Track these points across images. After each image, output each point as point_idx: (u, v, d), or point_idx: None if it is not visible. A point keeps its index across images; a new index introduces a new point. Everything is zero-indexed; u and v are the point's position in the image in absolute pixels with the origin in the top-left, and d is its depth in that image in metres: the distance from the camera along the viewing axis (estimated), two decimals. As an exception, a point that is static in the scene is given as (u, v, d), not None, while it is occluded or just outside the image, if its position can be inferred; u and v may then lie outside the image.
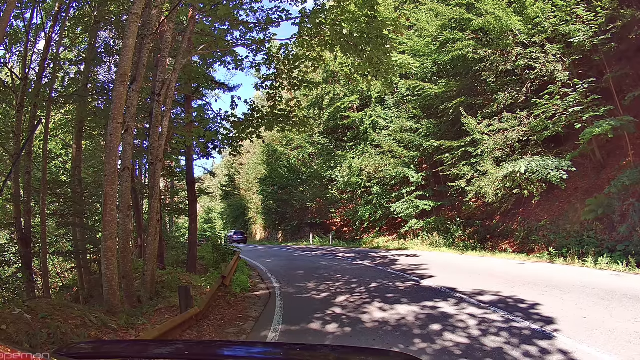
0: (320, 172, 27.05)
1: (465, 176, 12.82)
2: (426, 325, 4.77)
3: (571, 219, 12.15)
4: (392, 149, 18.79)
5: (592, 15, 10.89)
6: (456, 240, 15.72)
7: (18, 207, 11.90)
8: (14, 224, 11.97)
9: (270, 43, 10.17)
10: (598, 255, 9.31)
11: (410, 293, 6.82)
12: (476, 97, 14.41)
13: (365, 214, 21.78)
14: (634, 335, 4.06)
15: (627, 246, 9.48)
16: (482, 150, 12.13)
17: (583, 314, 5.00)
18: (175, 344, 2.60)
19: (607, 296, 5.87)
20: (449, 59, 14.91)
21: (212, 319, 5.76)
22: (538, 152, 11.65)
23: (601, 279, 7.43)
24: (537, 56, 11.35)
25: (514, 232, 13.93)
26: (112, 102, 6.38)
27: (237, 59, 10.42)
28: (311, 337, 4.67)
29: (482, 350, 3.80)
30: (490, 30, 12.34)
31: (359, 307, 6.00)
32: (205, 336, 4.99)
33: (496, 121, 12.04)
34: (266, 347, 2.48)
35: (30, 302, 5.98)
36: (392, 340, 4.26)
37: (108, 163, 6.01)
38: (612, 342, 3.85)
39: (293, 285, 8.59)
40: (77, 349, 1.66)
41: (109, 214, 5.89)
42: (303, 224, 29.81)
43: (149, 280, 7.22)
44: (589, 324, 4.57)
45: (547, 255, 10.72)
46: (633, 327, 4.34)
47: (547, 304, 5.46)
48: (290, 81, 10.24)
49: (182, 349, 1.77)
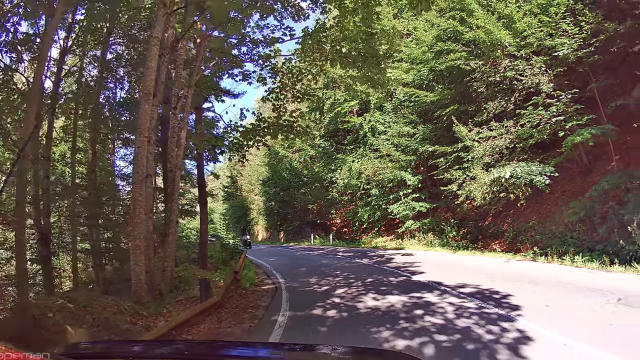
0: (321, 175, 27.93)
1: (457, 180, 13.68)
2: (411, 310, 5.64)
3: (557, 221, 12.97)
4: (390, 153, 19.66)
5: (577, 30, 11.70)
6: (450, 240, 16.59)
7: (38, 209, 12.75)
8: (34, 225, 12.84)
9: (276, 58, 11.02)
10: (577, 254, 10.14)
11: (401, 286, 7.70)
12: (469, 104, 15.27)
13: (364, 215, 22.66)
14: (586, 319, 4.89)
15: (605, 246, 10.28)
16: (472, 156, 13.00)
17: (548, 303, 5.84)
18: (175, 344, 2.60)
19: (574, 289, 6.72)
20: (444, 68, 15.79)
21: (228, 307, 6.63)
22: (524, 158, 12.49)
23: (574, 276, 8.28)
24: (523, 68, 12.20)
25: (504, 233, 14.76)
26: (138, 118, 7.25)
27: (245, 73, 11.31)
28: (314, 320, 5.55)
29: (453, 329, 4.66)
30: (481, 43, 13.20)
31: (355, 297, 6.88)
32: (224, 321, 5.86)
33: (485, 129, 12.90)
34: (266, 347, 2.53)
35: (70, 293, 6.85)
36: (381, 322, 5.13)
37: (136, 172, 6.89)
38: (564, 325, 4.68)
39: (297, 281, 9.47)
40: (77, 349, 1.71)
41: (137, 216, 6.76)
42: (304, 225, 30.67)
43: (168, 275, 8.09)
44: (550, 311, 5.42)
45: (531, 254, 11.57)
46: (588, 314, 5.17)
47: (519, 295, 6.32)
48: (294, 93, 11.13)
49: (182, 349, 1.83)
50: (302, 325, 5.39)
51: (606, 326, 4.56)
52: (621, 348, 3.75)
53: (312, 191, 29.65)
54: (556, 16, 12.06)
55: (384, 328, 4.81)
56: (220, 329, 5.46)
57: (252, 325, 5.64)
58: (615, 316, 4.96)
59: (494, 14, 13.25)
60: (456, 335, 4.43)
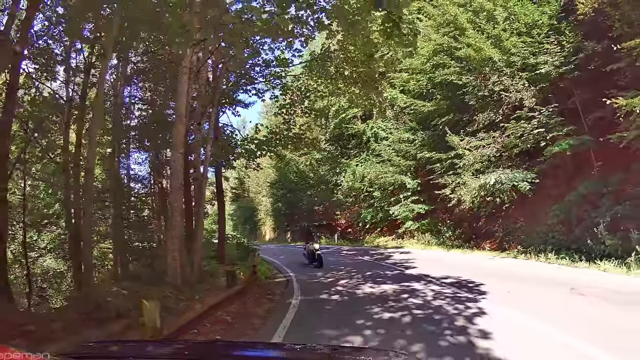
0: (326, 178, 29.36)
1: (450, 185, 15.02)
2: (399, 295, 7.03)
3: (541, 222, 14.24)
4: (391, 158, 21.03)
5: (559, 48, 12.98)
6: (446, 240, 17.90)
7: (69, 211, 14.24)
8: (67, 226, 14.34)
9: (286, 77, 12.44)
10: (552, 252, 11.44)
11: (395, 278, 9.10)
12: (463, 114, 16.59)
13: (367, 216, 24.07)
14: (535, 301, 6.21)
15: (579, 245, 11.56)
16: (463, 164, 14.34)
17: (510, 290, 7.18)
18: (176, 344, 2.63)
19: (539, 281, 8.04)
20: (439, 80, 17.11)
21: (249, 294, 8.05)
22: (509, 166, 13.80)
23: (544, 270, 9.60)
24: (509, 84, 13.51)
25: (494, 233, 16.06)
26: (173, 136, 8.71)
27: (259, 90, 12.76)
28: (321, 302, 6.96)
29: (428, 306, 6.05)
30: (472, 59, 14.52)
31: (355, 286, 8.29)
32: (248, 304, 7.27)
33: (474, 139, 14.24)
34: (267, 347, 2.55)
35: (122, 282, 8.29)
36: (374, 302, 6.53)
37: (173, 182, 8.34)
38: (515, 305, 5.99)
39: (305, 274, 10.89)
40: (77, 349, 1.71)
41: (174, 219, 8.21)
42: (311, 225, 32.06)
43: (197, 268, 9.52)
44: (509, 296, 6.76)
45: (515, 252, 12.89)
46: (539, 298, 6.48)
47: (489, 284, 7.66)
48: (302, 109, 12.55)
49: (182, 349, 1.85)
50: (312, 305, 6.80)
51: (549, 306, 5.90)
52: (552, 319, 5.03)
53: (318, 193, 31.06)
54: (539, 37, 13.36)
55: (376, 306, 6.21)
56: (247, 309, 6.88)
57: (271, 306, 7.06)
58: (560, 298, 6.31)
59: (484, 33, 14.56)
60: (429, 310, 5.82)
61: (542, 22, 13.54)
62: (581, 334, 4.29)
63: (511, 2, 14.05)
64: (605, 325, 4.71)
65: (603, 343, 3.93)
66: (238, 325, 5.83)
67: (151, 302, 5.09)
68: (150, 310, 4.68)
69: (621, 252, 9.74)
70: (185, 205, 10.93)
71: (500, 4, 14.17)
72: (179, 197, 8.30)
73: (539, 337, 4.41)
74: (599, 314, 5.30)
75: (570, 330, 4.47)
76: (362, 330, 4.90)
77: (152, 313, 4.70)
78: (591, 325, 4.68)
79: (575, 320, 4.98)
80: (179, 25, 6.46)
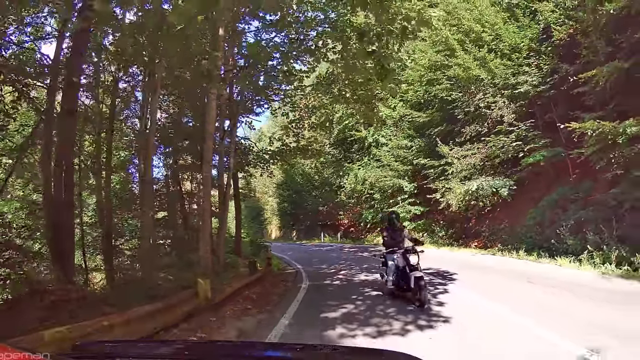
0: (330, 180, 31.28)
1: (440, 190, 16.86)
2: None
3: (521, 223, 16.04)
4: (390, 163, 22.89)
5: (537, 70, 14.73)
6: (439, 239, 19.74)
7: (102, 212, 16.15)
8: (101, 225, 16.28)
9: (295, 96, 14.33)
10: (523, 250, 13.21)
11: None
12: (454, 125, 18.39)
13: (368, 217, 25.98)
14: (492, 287, 8.04)
15: (548, 245, 13.32)
16: (452, 171, 16.17)
17: (478, 279, 9.02)
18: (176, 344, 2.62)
19: (503, 273, 9.84)
20: (433, 94, 18.94)
21: (266, 281, 9.96)
22: (492, 174, 15.60)
23: (513, 265, 11.37)
24: (492, 102, 15.31)
25: (481, 233, 17.87)
26: (204, 151, 10.59)
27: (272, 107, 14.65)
28: (325, 286, 8.87)
29: (407, 288, 7.90)
30: (460, 78, 16.33)
31: (353, 275, 10.19)
32: (267, 287, 9.18)
33: (461, 149, 16.07)
34: (267, 347, 2.55)
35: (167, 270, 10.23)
36: (367, 286, 8.40)
37: (205, 189, 10.24)
38: (476, 288, 7.82)
39: (311, 267, 12.80)
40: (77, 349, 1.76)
41: (205, 221, 10.10)
42: (315, 224, 34.04)
43: (221, 259, 11.44)
44: (474, 282, 8.58)
45: (495, 250, 14.69)
46: (496, 285, 8.32)
47: (461, 274, 9.50)
48: (309, 123, 14.45)
49: (182, 349, 1.90)
50: (318, 288, 8.68)
51: (502, 290, 7.72)
52: (503, 299, 6.78)
53: (322, 194, 32.98)
54: (518, 60, 15.14)
55: (368, 289, 8.09)
56: (266, 290, 8.79)
57: (286, 289, 8.97)
58: (512, 285, 8.14)
59: (471, 54, 16.34)
60: (407, 291, 7.68)
61: (523, 45, 15.27)
62: (517, 308, 5.88)
63: (497, 25, 15.80)
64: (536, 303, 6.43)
65: (527, 314, 5.49)
66: (261, 301, 7.73)
67: (205, 280, 6.97)
68: (204, 286, 6.56)
69: (579, 250, 11.51)
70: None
71: (487, 27, 15.95)
72: (210, 203, 10.21)
73: (495, 316, 6.06)
74: (537, 296, 7.07)
75: (514, 307, 5.90)
76: (354, 302, 6.79)
77: (205, 288, 6.60)
78: (529, 304, 6.32)
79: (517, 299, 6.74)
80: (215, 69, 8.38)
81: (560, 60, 14.38)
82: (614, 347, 3.82)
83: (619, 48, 11.60)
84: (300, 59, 12.29)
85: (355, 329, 5.03)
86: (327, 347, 1.66)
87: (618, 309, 5.46)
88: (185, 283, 9.31)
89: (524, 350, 4.03)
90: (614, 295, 6.59)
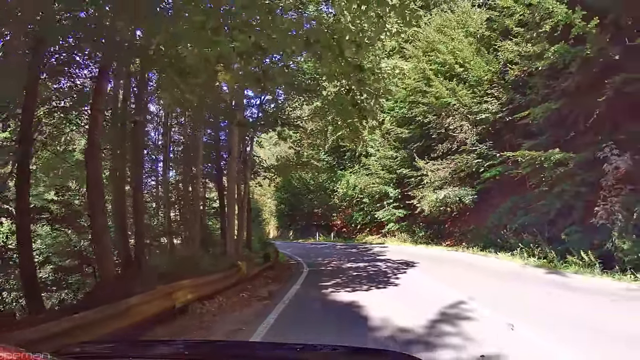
0: (325, 185, 34.56)
1: (417, 197, 20.20)
2: (365, 268, 12.18)
3: (484, 225, 19.38)
4: (377, 172, 26.18)
5: (496, 100, 18.06)
6: (418, 239, 23.06)
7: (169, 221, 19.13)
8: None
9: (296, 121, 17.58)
10: (478, 247, 16.53)
11: (368, 260, 14.25)
12: (430, 142, 21.68)
13: (358, 218, 29.33)
14: (448, 274, 11.27)
15: (500, 243, 16.63)
16: (426, 181, 19.51)
17: (432, 266, 12.28)
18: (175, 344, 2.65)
19: (458, 263, 13.10)
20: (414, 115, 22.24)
21: (276, 268, 13.19)
22: (459, 184, 18.94)
23: (468, 258, 14.66)
24: (458, 126, 18.64)
25: (454, 233, 21.22)
26: (229, 170, 13.79)
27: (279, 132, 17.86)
28: (321, 272, 12.12)
29: (379, 272, 11.18)
30: (433, 104, 19.65)
31: (342, 264, 13.48)
32: (278, 271, 12.40)
33: (433, 164, 19.41)
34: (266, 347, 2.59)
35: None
36: (351, 270, 11.65)
37: (231, 200, 13.43)
38: (433, 274, 11.07)
39: (310, 259, 16.06)
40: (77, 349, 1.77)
41: (232, 223, 13.29)
42: (310, 225, 37.28)
43: (241, 252, 14.62)
44: (432, 270, 11.83)
45: (461, 247, 17.99)
46: (451, 272, 11.57)
47: (424, 264, 12.75)
48: (308, 142, 17.69)
49: (182, 349, 1.92)
50: (315, 272, 11.93)
51: (443, 273, 10.99)
52: (439, 277, 10.07)
53: (317, 197, 36.23)
54: (481, 92, 18.47)
55: (351, 271, 11.37)
56: (278, 273, 12.03)
57: (292, 272, 12.20)
58: (453, 270, 11.42)
59: (443, 85, 19.65)
60: (379, 271, 10.96)
61: (487, 78, 18.56)
62: (443, 280, 9.24)
63: (467, 58, 19.06)
64: (457, 278, 9.73)
65: (447, 283, 8.84)
66: (277, 279, 10.95)
67: (243, 263, 10.20)
68: (243, 267, 9.80)
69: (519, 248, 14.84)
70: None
71: (459, 59, 19.23)
72: (234, 210, 13.42)
73: (427, 284, 9.35)
74: (473, 277, 10.27)
75: (442, 280, 9.34)
76: (341, 279, 10.06)
77: (243, 267, 9.82)
78: (452, 279, 9.67)
79: (447, 277, 10.04)
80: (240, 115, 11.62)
81: (516, 92, 17.66)
82: (484, 296, 7.04)
83: (553, 90, 14.92)
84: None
85: (340, 290, 8.30)
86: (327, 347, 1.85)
87: (503, 280, 8.81)
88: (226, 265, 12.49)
89: (431, 295, 7.33)
90: (512, 275, 9.89)
